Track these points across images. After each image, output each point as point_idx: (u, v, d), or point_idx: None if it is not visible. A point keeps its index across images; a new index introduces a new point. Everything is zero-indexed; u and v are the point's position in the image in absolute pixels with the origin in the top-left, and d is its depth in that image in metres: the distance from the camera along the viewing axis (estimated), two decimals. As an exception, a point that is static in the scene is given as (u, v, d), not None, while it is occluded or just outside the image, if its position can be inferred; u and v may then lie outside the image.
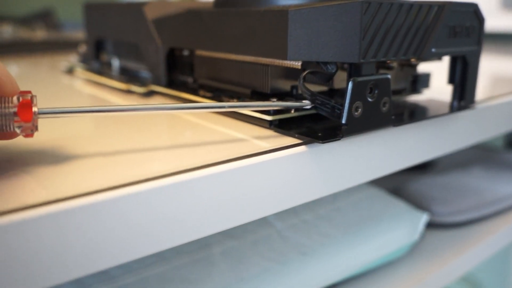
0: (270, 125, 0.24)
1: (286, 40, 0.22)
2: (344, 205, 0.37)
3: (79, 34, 0.73)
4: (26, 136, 0.19)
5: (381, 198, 0.39)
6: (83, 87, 0.38)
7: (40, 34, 0.75)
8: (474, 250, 0.38)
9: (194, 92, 0.30)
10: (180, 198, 0.18)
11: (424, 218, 0.38)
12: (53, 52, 0.65)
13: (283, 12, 0.22)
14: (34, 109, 0.19)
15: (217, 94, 0.28)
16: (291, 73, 0.26)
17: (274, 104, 0.23)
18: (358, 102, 0.22)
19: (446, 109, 0.29)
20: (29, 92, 0.19)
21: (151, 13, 0.33)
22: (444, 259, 0.37)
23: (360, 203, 0.38)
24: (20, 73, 0.48)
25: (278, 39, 0.22)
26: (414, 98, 0.32)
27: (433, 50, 0.25)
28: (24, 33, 0.73)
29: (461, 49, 0.28)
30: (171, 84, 0.33)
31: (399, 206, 0.38)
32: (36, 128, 0.19)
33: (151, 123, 0.26)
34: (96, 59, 0.43)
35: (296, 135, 0.22)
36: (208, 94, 0.29)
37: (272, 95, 0.25)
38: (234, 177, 0.20)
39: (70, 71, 0.45)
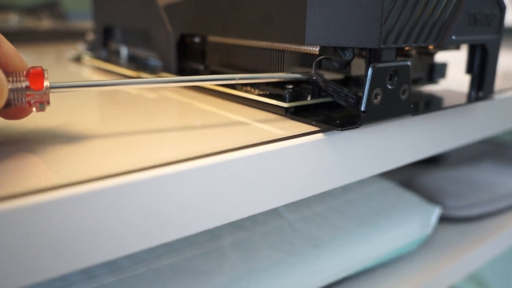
0: (286, 112, 0.23)
1: (305, 24, 0.21)
2: (356, 198, 0.36)
3: (85, 24, 0.72)
4: (38, 110, 0.19)
5: (393, 190, 0.38)
6: (91, 75, 0.38)
7: (46, 23, 0.74)
8: (487, 245, 0.37)
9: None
10: (194, 185, 0.18)
11: (436, 211, 0.37)
12: (58, 41, 0.64)
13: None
14: (46, 82, 0.18)
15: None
16: (307, 59, 0.25)
17: (283, 75, 0.22)
18: (377, 89, 0.21)
19: (464, 100, 0.28)
20: (40, 66, 0.19)
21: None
22: (456, 254, 0.36)
23: (372, 196, 0.37)
24: (27, 62, 0.47)
25: (296, 23, 0.21)
26: (430, 88, 0.31)
27: (453, 37, 0.24)
28: (30, 23, 0.73)
29: (481, 38, 0.27)
30: (181, 72, 0.32)
31: (412, 199, 0.38)
32: (48, 103, 0.19)
33: (164, 109, 0.26)
34: (104, 47, 0.42)
35: (314, 123, 0.22)
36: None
37: (287, 82, 0.24)
38: (249, 165, 0.19)
39: (77, 59, 0.45)
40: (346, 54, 0.22)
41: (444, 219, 0.40)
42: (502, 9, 0.28)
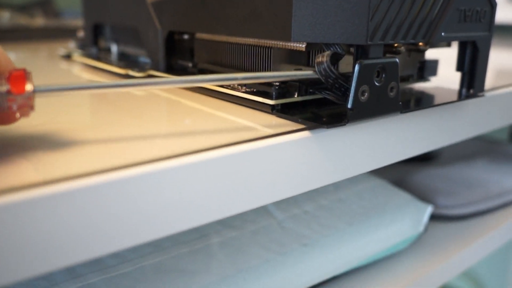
0: (273, 110, 0.23)
1: (291, 21, 0.21)
2: (347, 196, 0.36)
3: (78, 21, 0.72)
4: (22, 115, 0.18)
5: (384, 189, 0.38)
6: (80, 73, 0.37)
7: (38, 21, 0.74)
8: (479, 244, 0.37)
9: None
10: (177, 183, 0.17)
11: (428, 210, 0.37)
12: (51, 39, 0.64)
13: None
14: (29, 86, 0.17)
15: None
16: (295, 56, 0.25)
17: (279, 74, 0.21)
18: (364, 86, 0.21)
19: (455, 97, 0.28)
20: (23, 68, 0.18)
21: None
22: (448, 252, 0.36)
23: (363, 194, 0.37)
24: (17, 59, 0.47)
25: (282, 19, 0.21)
26: (421, 85, 0.31)
27: (443, 34, 0.24)
28: (22, 20, 0.72)
29: (471, 34, 0.26)
30: (170, 69, 0.32)
31: (403, 197, 0.38)
32: (32, 108, 0.18)
33: (150, 107, 0.25)
34: (94, 44, 0.42)
35: (300, 120, 0.21)
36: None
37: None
38: (235, 163, 0.19)
39: (68, 57, 0.44)
40: (332, 49, 0.22)
41: (436, 218, 0.40)
42: (493, 5, 0.27)
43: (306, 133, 0.20)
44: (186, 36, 0.31)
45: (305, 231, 0.31)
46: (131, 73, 0.32)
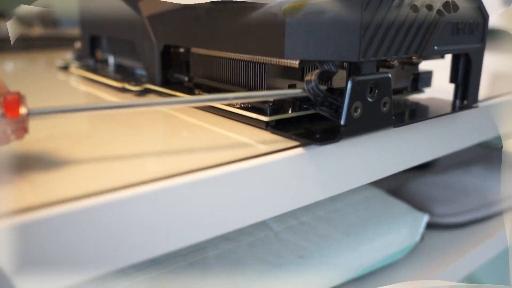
0: (267, 126, 0.23)
1: (284, 39, 0.21)
2: (344, 206, 0.36)
3: (76, 30, 0.72)
4: (17, 138, 0.18)
5: (381, 198, 0.38)
6: (78, 85, 0.37)
7: (37, 30, 0.74)
8: (476, 252, 0.37)
9: (190, 91, 0.29)
10: (172, 202, 0.17)
11: (425, 219, 0.37)
12: (50, 48, 0.64)
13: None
14: (24, 109, 0.18)
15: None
16: (289, 71, 0.25)
17: (271, 93, 0.22)
18: (357, 102, 0.21)
19: (448, 109, 0.28)
20: (17, 92, 0.18)
21: (146, 9, 0.32)
22: (445, 261, 0.36)
23: (359, 204, 0.37)
24: (15, 69, 0.47)
25: (275, 37, 0.21)
26: (415, 97, 0.31)
27: (436, 48, 0.24)
28: (21, 29, 0.72)
29: (464, 47, 0.27)
30: (166, 83, 0.32)
31: (400, 206, 0.38)
32: (26, 130, 0.18)
33: (145, 123, 0.26)
34: (91, 56, 0.42)
35: (294, 137, 0.21)
36: (204, 94, 0.28)
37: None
38: (229, 181, 0.19)
39: (65, 68, 0.44)
40: (325, 67, 0.22)
41: (432, 226, 0.40)
42: (485, 17, 0.28)
43: (299, 150, 0.20)
44: (182, 50, 0.31)
45: (301, 243, 0.31)
46: (128, 86, 0.32)
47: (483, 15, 0.27)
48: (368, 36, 0.21)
